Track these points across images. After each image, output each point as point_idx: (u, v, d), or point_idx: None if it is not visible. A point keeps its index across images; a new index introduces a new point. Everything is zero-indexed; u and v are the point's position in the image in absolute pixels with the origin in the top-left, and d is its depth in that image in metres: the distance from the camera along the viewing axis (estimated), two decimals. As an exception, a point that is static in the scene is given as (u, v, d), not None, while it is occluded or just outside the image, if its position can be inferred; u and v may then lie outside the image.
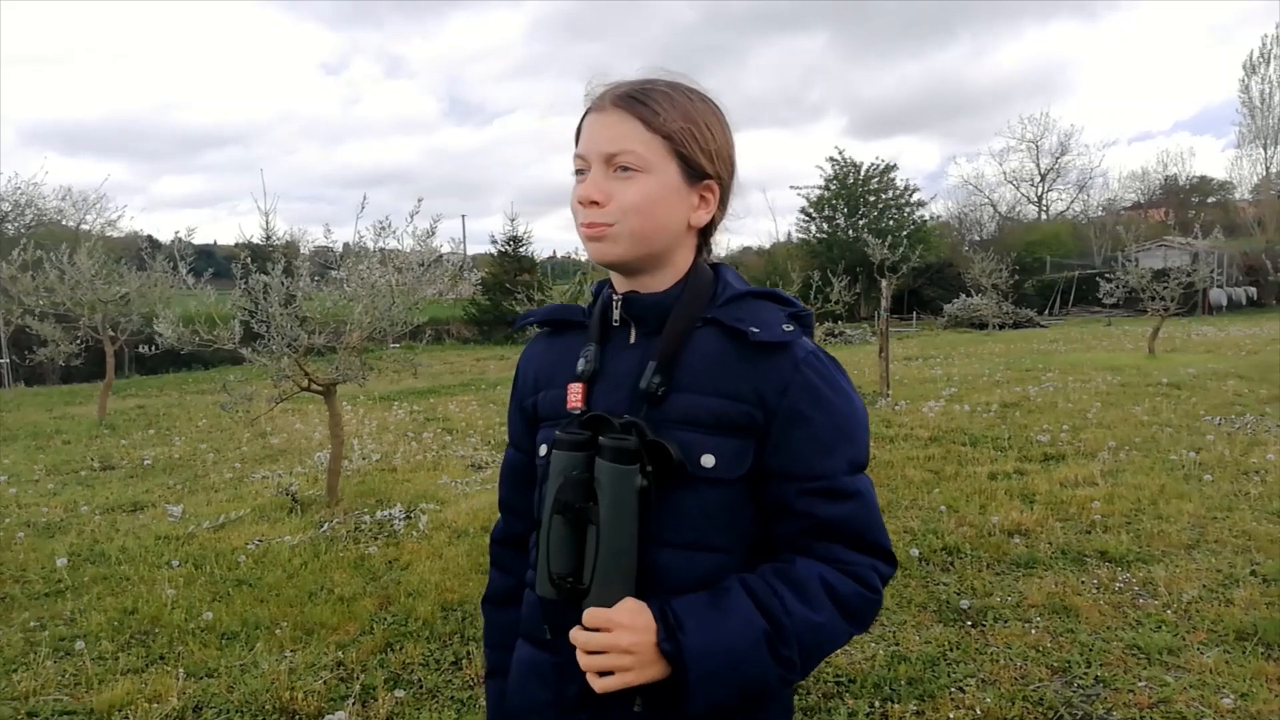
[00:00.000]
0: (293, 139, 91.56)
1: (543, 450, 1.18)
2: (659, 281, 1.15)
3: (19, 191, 25.41)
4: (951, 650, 3.35)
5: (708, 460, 1.06)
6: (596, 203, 1.08)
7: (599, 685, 1.00)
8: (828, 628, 1.03)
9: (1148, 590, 3.82)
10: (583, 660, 1.01)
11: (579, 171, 1.13)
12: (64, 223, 27.63)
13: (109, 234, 26.55)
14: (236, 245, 23.68)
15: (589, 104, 1.14)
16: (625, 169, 1.08)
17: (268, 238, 23.68)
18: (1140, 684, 3.01)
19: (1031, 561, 4.22)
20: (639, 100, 1.09)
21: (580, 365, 1.16)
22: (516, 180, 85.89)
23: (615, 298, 1.16)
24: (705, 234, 1.19)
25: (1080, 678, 3.09)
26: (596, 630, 1.00)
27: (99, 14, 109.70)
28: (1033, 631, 3.47)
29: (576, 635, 1.02)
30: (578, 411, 1.13)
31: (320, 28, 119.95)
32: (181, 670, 3.46)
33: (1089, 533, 4.64)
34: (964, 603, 3.74)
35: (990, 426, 7.87)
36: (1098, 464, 6.07)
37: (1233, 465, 5.91)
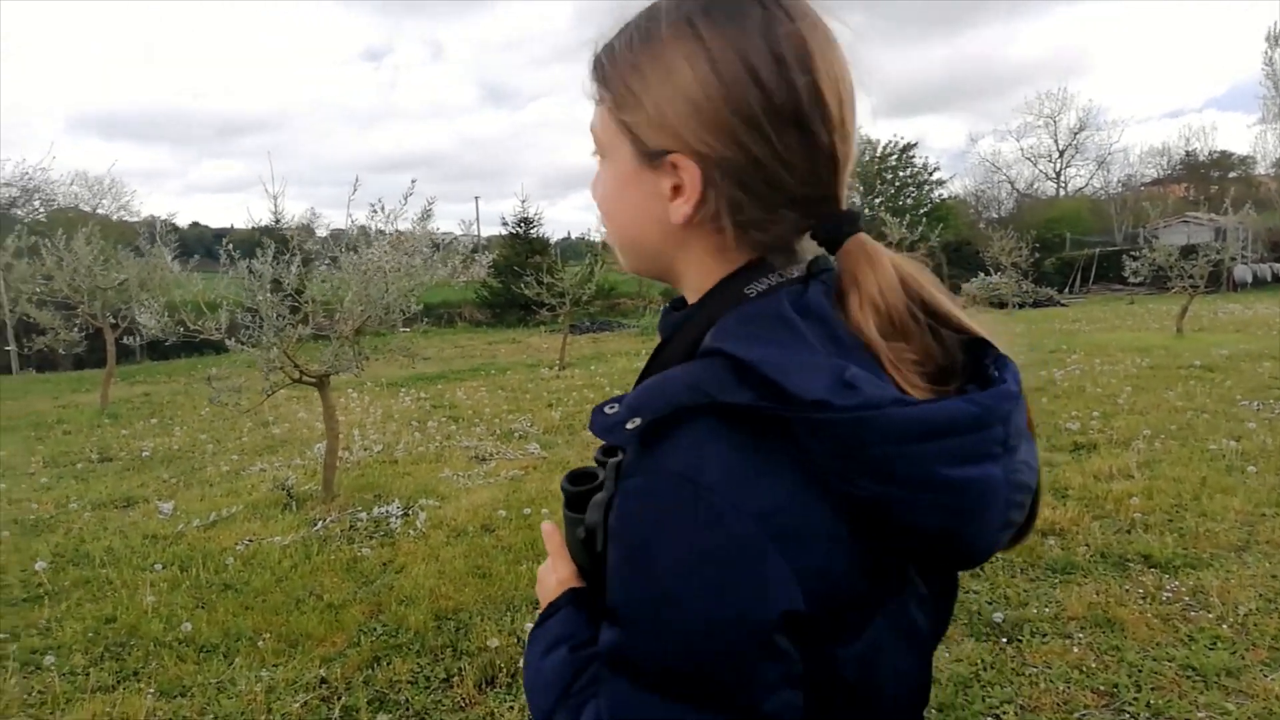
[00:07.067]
0: (328, 123, 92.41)
1: None
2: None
3: (26, 177, 25.32)
4: (985, 670, 3.06)
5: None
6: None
7: None
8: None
9: (1199, 600, 3.51)
10: None
11: None
12: (80, 207, 27.55)
13: (123, 218, 26.48)
14: (253, 229, 23.49)
15: None
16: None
17: (276, 221, 23.46)
18: (1199, 713, 2.71)
19: (1069, 566, 3.91)
20: (600, 57, 0.78)
21: None
22: (542, 163, 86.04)
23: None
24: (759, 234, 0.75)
25: (1130, 704, 2.79)
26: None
27: (146, 4, 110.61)
28: (1075, 649, 3.16)
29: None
30: None
31: (368, 13, 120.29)
32: (153, 689, 3.23)
33: (1129, 532, 4.33)
34: (997, 615, 3.43)
35: (1016, 413, 7.52)
36: (1133, 454, 5.72)
37: (1277, 455, 5.56)
